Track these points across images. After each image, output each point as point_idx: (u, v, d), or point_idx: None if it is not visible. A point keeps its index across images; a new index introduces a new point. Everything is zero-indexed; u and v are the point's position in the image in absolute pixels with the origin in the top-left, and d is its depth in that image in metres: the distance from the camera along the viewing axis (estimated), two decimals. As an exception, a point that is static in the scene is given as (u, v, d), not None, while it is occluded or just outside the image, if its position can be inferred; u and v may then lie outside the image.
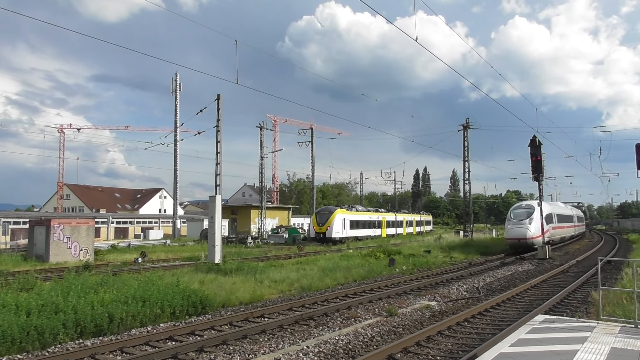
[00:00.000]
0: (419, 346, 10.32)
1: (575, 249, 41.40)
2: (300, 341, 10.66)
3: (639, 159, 26.05)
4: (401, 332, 11.71)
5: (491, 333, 11.35)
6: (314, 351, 9.86)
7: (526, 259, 31.11)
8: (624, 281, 16.46)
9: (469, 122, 45.56)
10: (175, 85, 34.19)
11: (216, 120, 28.88)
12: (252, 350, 9.90)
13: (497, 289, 18.62)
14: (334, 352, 9.89)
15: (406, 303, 15.28)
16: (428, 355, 9.88)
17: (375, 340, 10.92)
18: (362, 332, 11.48)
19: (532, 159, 32.59)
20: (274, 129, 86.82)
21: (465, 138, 45.53)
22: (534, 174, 33.29)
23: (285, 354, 9.59)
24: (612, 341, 8.29)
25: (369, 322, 12.50)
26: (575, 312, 13.72)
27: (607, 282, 17.97)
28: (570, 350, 7.67)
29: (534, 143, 32.22)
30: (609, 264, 24.48)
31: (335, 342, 10.57)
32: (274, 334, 11.18)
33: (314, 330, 11.74)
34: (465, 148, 45.46)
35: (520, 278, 21.93)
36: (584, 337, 8.54)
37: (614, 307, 12.09)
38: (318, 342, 10.46)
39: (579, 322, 10.16)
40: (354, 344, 10.51)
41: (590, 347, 7.91)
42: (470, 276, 22.06)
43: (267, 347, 10.15)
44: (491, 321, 12.97)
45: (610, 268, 23.39)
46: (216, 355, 9.55)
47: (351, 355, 9.79)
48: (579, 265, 27.27)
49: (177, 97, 38.22)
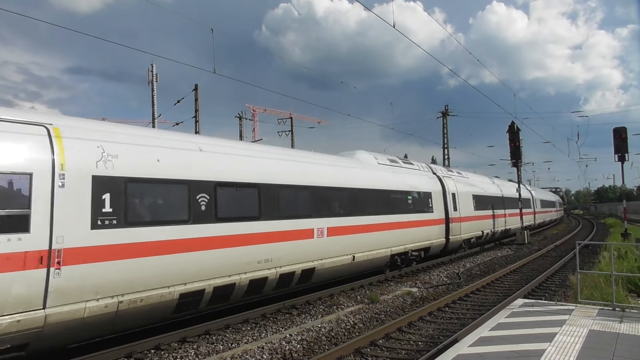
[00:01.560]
0: (400, 332, 10.40)
1: (553, 234, 42.05)
2: (283, 329, 10.66)
3: (616, 144, 26.58)
4: (383, 319, 11.78)
5: (471, 318, 11.49)
6: (296, 339, 9.87)
7: (505, 244, 31.52)
8: (601, 264, 16.75)
9: (448, 109, 45.75)
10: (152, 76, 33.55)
11: (194, 110, 28.55)
12: (235, 340, 9.87)
13: (477, 275, 18.84)
14: (316, 340, 9.91)
15: (388, 290, 15.38)
16: (409, 340, 9.96)
17: (357, 327, 10.97)
18: (345, 320, 11.52)
19: (510, 145, 32.93)
20: (253, 118, 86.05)
21: (445, 125, 45.70)
22: (513, 160, 33.67)
23: (269, 342, 9.58)
24: (590, 323, 8.45)
25: (351, 309, 12.54)
26: (553, 295, 13.95)
27: (584, 265, 18.29)
28: (549, 333, 7.80)
29: (512, 129, 32.55)
30: (586, 248, 24.91)
31: (318, 329, 10.60)
32: (257, 323, 11.16)
33: (296, 318, 11.75)
34: (445, 135, 45.65)
35: (500, 263, 22.21)
36: (563, 320, 8.68)
37: (591, 290, 12.30)
38: (301, 330, 10.48)
39: (558, 306, 10.32)
40: (337, 331, 10.54)
41: (569, 329, 8.05)
42: (451, 262, 22.26)
43: (250, 336, 10.13)
44: (471, 306, 13.12)
45: (587, 252, 23.80)
46: (199, 345, 9.50)
47: (333, 342, 9.82)
48: (557, 249, 27.70)
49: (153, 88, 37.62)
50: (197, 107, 28.47)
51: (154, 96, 25.73)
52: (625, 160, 26.47)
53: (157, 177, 9.13)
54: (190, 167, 9.87)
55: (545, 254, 25.29)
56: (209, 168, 10.30)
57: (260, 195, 11.39)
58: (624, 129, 26.36)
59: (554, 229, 50.09)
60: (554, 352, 6.82)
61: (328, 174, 14.41)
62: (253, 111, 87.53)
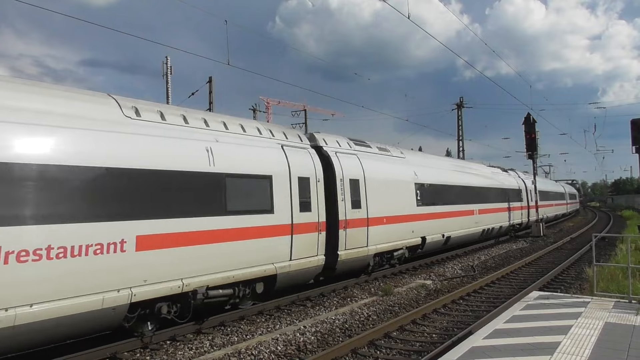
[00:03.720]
0: (414, 324, 10.41)
1: (569, 226, 41.66)
2: (297, 321, 10.71)
3: (634, 135, 26.12)
4: (397, 311, 11.79)
5: (486, 310, 11.47)
6: (310, 331, 9.92)
7: (520, 237, 31.29)
8: (617, 257, 16.60)
9: (463, 101, 45.41)
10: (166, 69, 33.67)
11: (208, 103, 28.62)
12: (250, 331, 9.95)
13: (492, 267, 18.75)
14: (330, 332, 9.96)
15: (402, 282, 15.37)
16: (424, 332, 9.97)
17: (371, 319, 11.00)
18: (358, 312, 11.55)
19: (526, 137, 32.62)
20: (267, 111, 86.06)
21: (460, 117, 45.37)
22: (528, 152, 33.35)
23: (283, 334, 9.64)
24: (605, 316, 8.38)
25: (365, 301, 12.57)
26: (569, 288, 13.86)
27: (601, 258, 18.11)
28: (565, 326, 7.75)
29: (528, 121, 32.24)
30: (603, 241, 24.65)
31: (332, 321, 10.64)
32: (271, 315, 11.24)
33: (310, 310, 11.80)
34: (460, 127, 45.34)
35: (515, 256, 22.09)
36: (578, 313, 8.63)
37: (607, 282, 12.20)
38: (315, 322, 10.52)
39: (573, 298, 10.26)
40: (351, 323, 10.58)
41: (584, 322, 7.99)
42: (465, 255, 22.18)
43: (264, 328, 10.20)
44: (486, 299, 13.08)
45: (604, 244, 23.56)
46: (214, 336, 9.60)
47: (347, 334, 9.87)
48: (572, 242, 27.46)
49: (168, 81, 37.80)
50: (211, 99, 28.55)
51: (169, 89, 25.80)
52: (642, 152, 26.05)
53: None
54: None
55: (561, 246, 25.10)
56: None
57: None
58: (642, 120, 25.91)
59: (570, 222, 49.61)
60: (569, 344, 6.78)
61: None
62: (267, 103, 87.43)
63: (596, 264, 11.13)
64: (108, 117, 8.52)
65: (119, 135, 8.44)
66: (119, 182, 8.18)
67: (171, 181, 9.03)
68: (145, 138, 8.87)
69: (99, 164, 7.91)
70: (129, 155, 8.42)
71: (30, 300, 6.94)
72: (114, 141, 8.31)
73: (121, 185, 8.21)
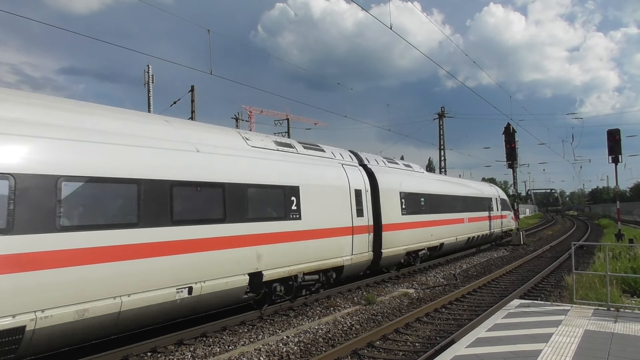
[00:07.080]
0: (397, 333, 10.43)
1: (548, 235, 42.20)
2: (280, 331, 10.66)
3: (610, 145, 26.72)
4: (380, 320, 11.80)
5: (468, 319, 11.53)
6: (293, 341, 9.88)
7: (501, 245, 31.61)
8: (595, 265, 16.83)
9: (445, 111, 45.86)
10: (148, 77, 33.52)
11: (191, 112, 28.48)
12: (232, 342, 9.87)
13: (474, 275, 18.89)
14: (313, 341, 9.92)
15: (385, 291, 15.40)
16: (407, 341, 9.99)
17: (354, 329, 10.99)
18: (342, 321, 11.53)
19: (506, 147, 33.13)
20: (249, 120, 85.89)
21: (441, 126, 45.82)
22: (508, 161, 33.83)
23: (266, 344, 9.58)
24: (585, 324, 8.49)
25: (348, 310, 12.56)
26: (549, 296, 14.01)
27: (579, 266, 18.36)
28: (546, 334, 7.84)
29: (508, 131, 32.75)
30: (581, 249, 25.01)
31: (315, 331, 10.61)
32: (254, 325, 11.16)
33: (293, 320, 11.75)
34: (441, 136, 45.77)
35: (496, 264, 22.28)
36: (559, 321, 8.73)
37: (586, 290, 12.36)
38: (298, 332, 10.48)
39: (554, 306, 10.37)
40: (334, 333, 10.56)
41: (565, 330, 8.09)
42: (447, 263, 22.31)
43: (247, 338, 10.13)
44: (468, 307, 13.16)
45: (582, 252, 23.89)
46: (196, 347, 9.50)
47: (331, 344, 9.84)
48: (552, 250, 27.82)
49: (150, 89, 37.56)
50: (194, 108, 28.41)
51: (150, 97, 25.66)
52: (619, 162, 26.62)
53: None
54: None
55: (541, 254, 25.40)
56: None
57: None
58: (618, 131, 26.52)
59: (549, 230, 50.25)
60: (550, 352, 6.85)
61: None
62: (250, 112, 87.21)
63: (575, 272, 11.28)
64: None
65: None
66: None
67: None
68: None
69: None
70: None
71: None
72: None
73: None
